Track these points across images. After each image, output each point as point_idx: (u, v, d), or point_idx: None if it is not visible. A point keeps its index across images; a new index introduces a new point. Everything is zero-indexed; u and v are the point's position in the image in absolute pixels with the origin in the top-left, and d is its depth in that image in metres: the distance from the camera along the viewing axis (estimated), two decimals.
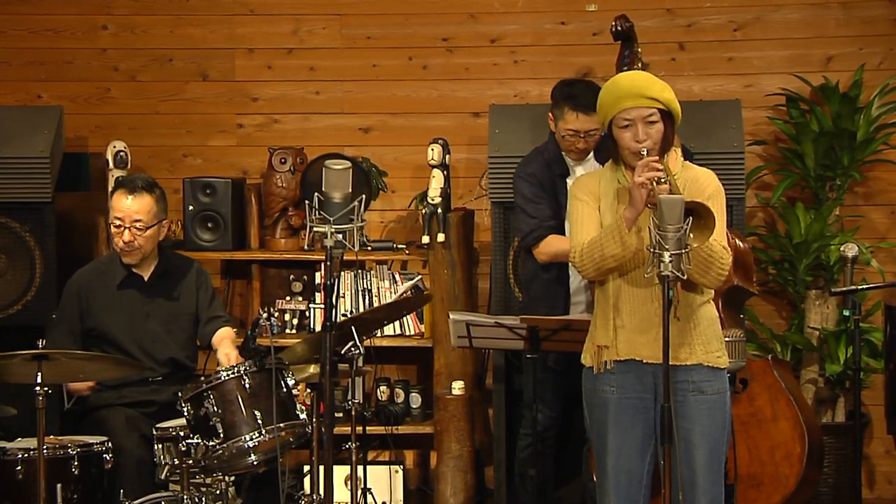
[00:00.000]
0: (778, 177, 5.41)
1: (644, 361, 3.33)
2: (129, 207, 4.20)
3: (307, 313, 5.34)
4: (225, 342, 4.28)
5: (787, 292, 5.41)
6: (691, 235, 3.09)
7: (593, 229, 3.37)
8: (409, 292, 5.25)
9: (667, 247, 3.03)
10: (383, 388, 5.40)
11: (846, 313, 4.33)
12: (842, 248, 4.45)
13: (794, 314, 5.42)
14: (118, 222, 4.21)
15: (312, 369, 4.21)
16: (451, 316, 4.27)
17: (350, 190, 3.44)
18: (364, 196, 3.46)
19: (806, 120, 5.31)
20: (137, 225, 4.21)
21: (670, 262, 3.03)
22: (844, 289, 4.33)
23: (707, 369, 3.36)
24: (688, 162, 3.47)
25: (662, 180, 3.20)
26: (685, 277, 3.09)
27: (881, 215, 5.51)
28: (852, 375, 4.39)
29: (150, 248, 4.28)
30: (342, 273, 5.16)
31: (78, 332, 4.27)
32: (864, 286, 4.47)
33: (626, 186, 3.32)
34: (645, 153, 3.28)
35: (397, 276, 5.33)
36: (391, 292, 5.30)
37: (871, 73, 5.38)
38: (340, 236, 3.42)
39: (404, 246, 5.34)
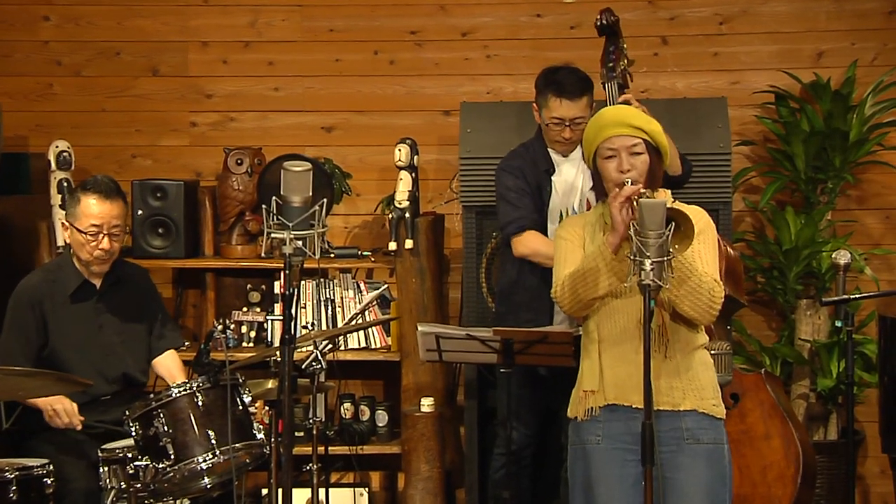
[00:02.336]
0: (766, 179, 5.42)
1: (633, 407, 3.30)
2: (109, 213, 4.17)
3: (265, 325, 5.31)
4: (175, 374, 4.24)
5: (777, 302, 5.42)
6: (675, 247, 3.07)
7: (575, 266, 3.36)
8: (374, 302, 5.23)
9: (648, 254, 3.02)
10: (347, 404, 5.36)
11: (838, 324, 4.33)
12: (833, 255, 4.45)
13: (784, 325, 5.43)
14: (94, 229, 4.16)
15: (270, 385, 4.18)
16: (419, 328, 4.25)
17: (310, 193, 3.42)
18: (325, 200, 3.45)
19: (796, 119, 5.33)
20: (115, 231, 4.19)
21: (651, 269, 3.02)
22: (836, 298, 4.34)
23: (701, 416, 3.32)
24: (677, 202, 3.45)
25: (643, 198, 3.17)
26: (667, 286, 3.07)
27: (875, 220, 5.54)
28: (845, 390, 4.39)
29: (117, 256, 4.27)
30: (303, 282, 5.18)
31: (35, 347, 4.21)
32: (857, 295, 4.48)
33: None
34: (629, 183, 3.27)
35: (362, 286, 5.32)
36: (356, 302, 5.28)
37: (864, 69, 5.41)
38: (300, 243, 3.40)
39: (370, 253, 5.33)
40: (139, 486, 3.79)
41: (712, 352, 3.75)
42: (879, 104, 5.30)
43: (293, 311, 3.43)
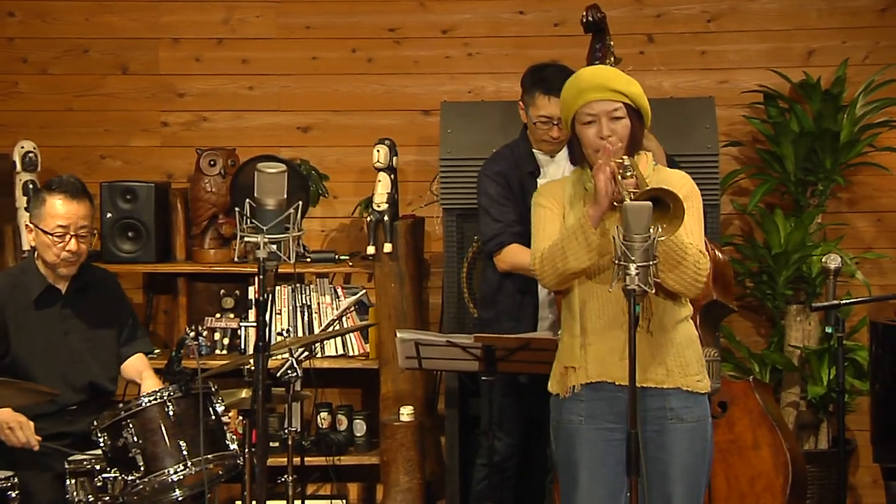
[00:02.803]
0: (755, 181, 5.44)
1: (617, 384, 3.31)
2: (76, 213, 4.14)
3: (239, 332, 5.30)
4: (147, 378, 4.21)
5: (766, 307, 5.44)
6: (661, 228, 3.06)
7: (554, 234, 3.35)
8: (352, 308, 5.22)
9: (633, 258, 3.01)
10: (324, 414, 5.36)
11: (828, 330, 4.34)
12: (824, 259, 4.47)
13: (774, 331, 5.45)
14: (61, 230, 4.13)
15: (244, 394, 4.16)
16: (398, 334, 4.25)
17: (285, 196, 3.41)
18: (301, 202, 3.46)
19: (785, 119, 5.34)
20: (82, 232, 4.16)
21: (637, 274, 3.01)
22: (826, 303, 4.35)
23: (686, 394, 3.34)
24: (660, 165, 3.46)
25: (629, 173, 3.19)
26: (652, 290, 3.07)
27: (866, 223, 5.56)
28: (836, 398, 4.41)
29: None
30: (278, 287, 5.18)
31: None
32: (848, 300, 4.49)
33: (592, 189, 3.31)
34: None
35: (339, 291, 5.32)
36: (333, 308, 5.27)
37: (855, 68, 5.43)
38: (274, 247, 3.40)
39: (347, 257, 5.32)
40: (107, 499, 3.77)
41: None
42: (871, 104, 5.32)
43: (267, 317, 3.41)
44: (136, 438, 3.78)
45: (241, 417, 4.27)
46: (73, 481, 3.85)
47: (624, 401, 3.26)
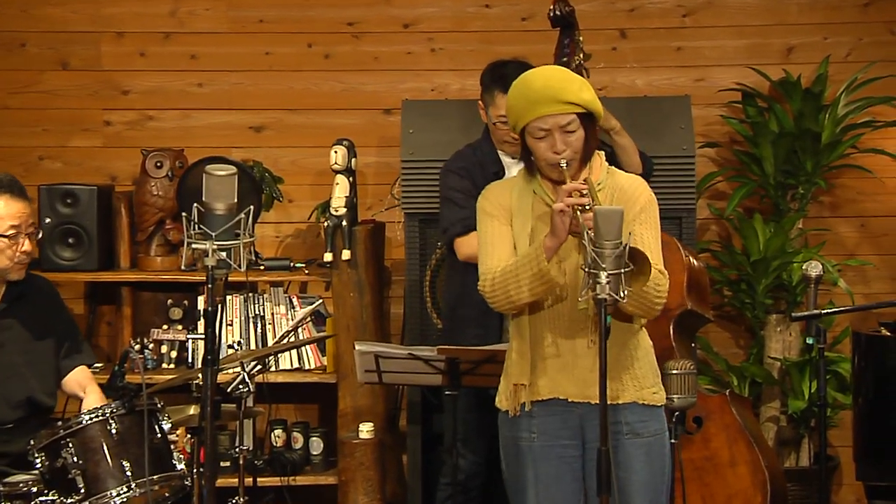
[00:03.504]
0: (733, 184, 5.48)
1: (569, 400, 3.32)
2: (24, 211, 4.12)
3: (187, 345, 5.29)
4: (90, 394, 4.18)
5: (745, 317, 5.47)
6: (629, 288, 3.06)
7: (506, 251, 3.35)
8: (308, 319, 5.21)
9: (603, 265, 3.02)
10: (278, 431, 5.35)
11: (809, 341, 4.38)
12: (805, 267, 4.50)
13: (753, 342, 5.48)
14: (13, 231, 4.09)
15: (192, 410, 4.15)
16: (357, 347, 4.24)
17: (235, 200, 3.40)
18: (253, 207, 3.44)
19: (764, 119, 5.39)
20: (31, 230, 4.15)
21: (607, 283, 3.02)
22: (807, 313, 4.38)
23: (642, 408, 3.36)
24: (614, 168, 3.46)
25: (588, 207, 3.18)
26: (625, 300, 3.08)
27: (849, 228, 5.61)
28: (818, 413, 4.44)
29: None
30: (229, 297, 5.18)
31: None
32: (830, 310, 4.53)
33: (544, 199, 3.33)
34: (564, 166, 3.27)
35: (295, 301, 5.31)
36: (288, 319, 5.26)
37: (837, 65, 5.48)
38: (224, 254, 3.38)
39: (303, 265, 5.32)
40: None
41: (674, 372, 3.78)
42: (854, 103, 5.37)
43: (217, 328, 3.40)
44: (75, 459, 3.75)
45: (188, 435, 4.26)
46: None
47: (578, 416, 3.30)
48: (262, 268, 5.23)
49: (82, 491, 3.74)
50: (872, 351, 4.53)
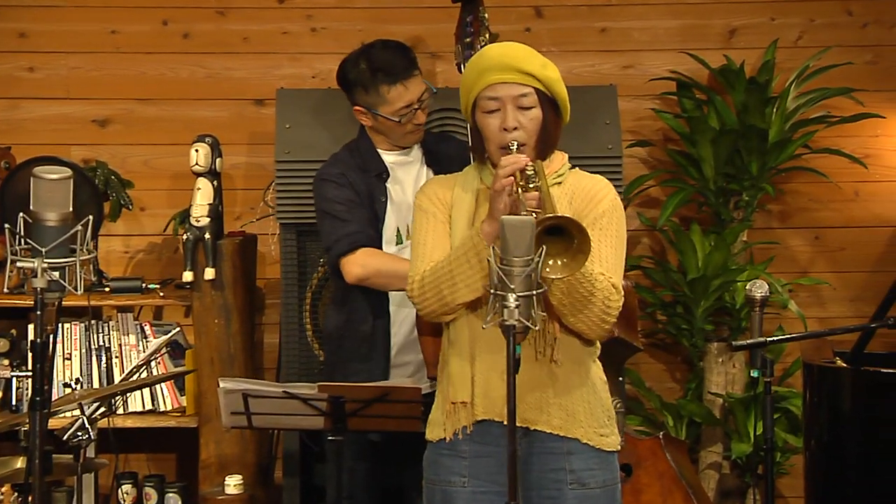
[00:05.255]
0: (667, 190, 5.52)
1: (505, 423, 3.29)
2: None
3: (13, 383, 5.21)
4: None
5: (681, 346, 5.52)
6: (560, 263, 3.07)
7: (440, 252, 3.37)
8: (163, 350, 5.17)
9: (511, 286, 3.01)
10: (127, 487, 5.30)
11: (755, 374, 4.42)
12: (749, 287, 4.55)
13: (691, 376, 5.53)
14: None
15: (20, 463, 4.07)
16: (221, 384, 4.20)
17: (71, 208, 3.37)
18: (93, 216, 3.39)
19: (703, 114, 5.44)
20: None
21: (516, 307, 3.01)
22: (751, 341, 4.42)
23: (590, 452, 3.39)
24: (578, 168, 3.48)
25: (532, 184, 3.21)
26: (536, 328, 3.08)
27: (801, 241, 5.69)
28: (765, 458, 4.48)
29: None
30: (67, 325, 5.15)
31: None
32: (775, 338, 4.58)
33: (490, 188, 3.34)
34: (514, 147, 3.30)
35: (148, 329, 5.27)
36: (139, 351, 5.22)
37: (786, 50, 5.57)
38: (56, 274, 3.33)
39: (158, 286, 5.28)
40: None
41: None
42: (805, 96, 5.45)
43: (48, 364, 3.34)
44: None
45: (15, 494, 4.17)
46: None
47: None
48: (107, 290, 5.19)
49: None
50: (826, 385, 4.58)
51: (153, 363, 5.14)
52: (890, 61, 5.64)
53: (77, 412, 4.12)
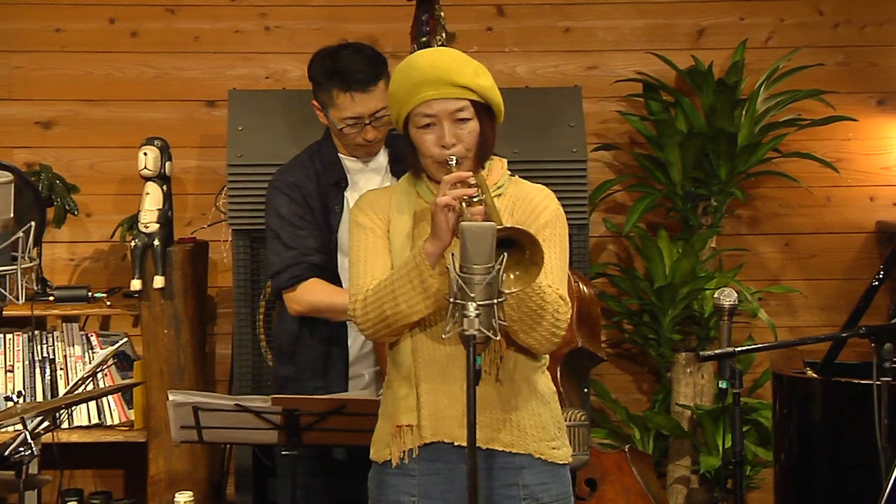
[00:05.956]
0: (634, 195, 5.54)
1: (455, 444, 3.34)
2: None
3: None
4: None
5: (648, 356, 5.53)
6: (512, 276, 3.09)
7: (381, 268, 3.37)
8: (110, 362, 5.15)
9: (472, 295, 3.01)
10: None
11: (723, 385, 4.44)
12: (717, 295, 4.56)
13: (658, 387, 5.54)
14: None
15: None
16: (171, 397, 4.19)
17: (11, 214, 3.38)
18: (35, 222, 3.38)
19: (670, 116, 5.46)
20: None
21: (476, 316, 3.02)
22: (719, 351, 4.43)
23: (542, 466, 3.40)
24: (518, 177, 3.50)
25: (476, 198, 3.22)
26: (497, 338, 3.09)
27: (772, 248, 5.72)
28: (734, 471, 4.50)
29: None
30: (8, 336, 5.14)
31: None
32: (744, 347, 4.58)
33: (430, 206, 3.32)
34: (453, 163, 3.30)
35: (94, 339, 5.26)
36: (84, 362, 5.21)
37: (755, 51, 5.60)
38: None
39: (104, 295, 5.28)
40: None
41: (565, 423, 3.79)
42: (775, 97, 5.48)
43: None
44: None
45: None
46: None
47: (465, 470, 3.27)
48: (51, 298, 5.18)
49: None
50: (796, 396, 4.60)
51: (99, 375, 5.11)
52: (861, 63, 5.68)
53: (19, 427, 4.09)
